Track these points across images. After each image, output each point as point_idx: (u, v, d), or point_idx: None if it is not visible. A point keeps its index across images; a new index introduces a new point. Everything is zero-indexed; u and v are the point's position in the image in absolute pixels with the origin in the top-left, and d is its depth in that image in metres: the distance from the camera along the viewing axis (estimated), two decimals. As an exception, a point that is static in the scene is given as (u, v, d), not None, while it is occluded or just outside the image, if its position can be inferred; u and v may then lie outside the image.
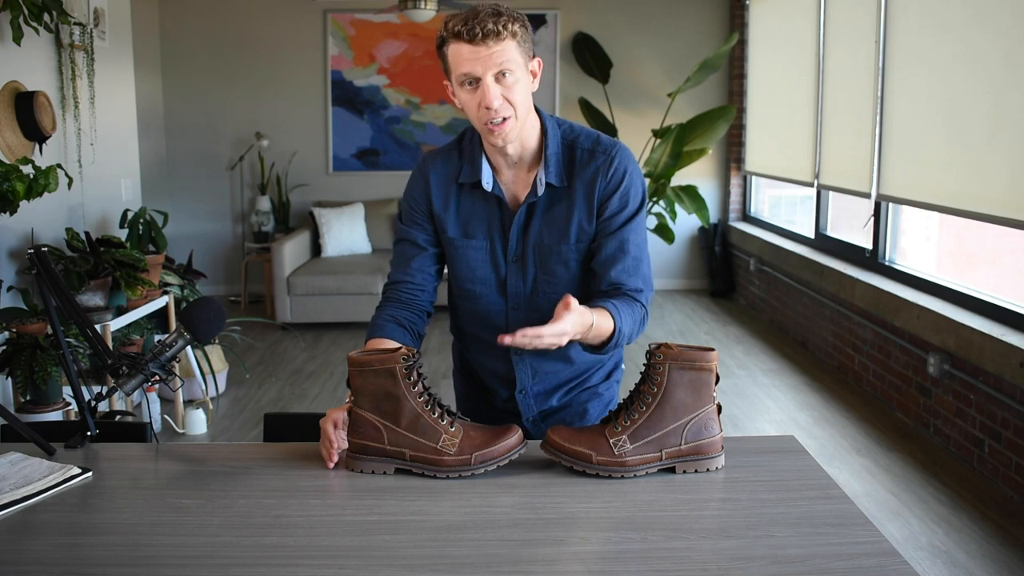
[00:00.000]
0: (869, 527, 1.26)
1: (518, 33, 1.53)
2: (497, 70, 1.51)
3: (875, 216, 4.55)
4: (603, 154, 1.63)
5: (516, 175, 1.66)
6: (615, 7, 6.84)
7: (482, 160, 1.65)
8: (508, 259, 1.67)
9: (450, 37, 1.52)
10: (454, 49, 1.52)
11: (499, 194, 1.65)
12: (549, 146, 1.63)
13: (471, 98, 1.55)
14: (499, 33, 1.49)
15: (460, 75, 1.53)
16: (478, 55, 1.50)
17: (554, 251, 1.65)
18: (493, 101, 1.51)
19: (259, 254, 6.63)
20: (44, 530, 1.27)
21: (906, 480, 3.39)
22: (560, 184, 1.63)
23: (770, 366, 5.00)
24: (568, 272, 1.67)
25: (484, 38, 1.49)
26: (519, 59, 1.54)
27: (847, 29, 4.83)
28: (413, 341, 1.68)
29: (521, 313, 1.70)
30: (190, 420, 3.89)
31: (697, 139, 6.26)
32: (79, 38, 4.08)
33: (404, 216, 1.75)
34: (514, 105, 1.54)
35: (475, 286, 1.71)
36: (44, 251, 1.58)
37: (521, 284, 1.69)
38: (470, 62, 1.51)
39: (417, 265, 1.72)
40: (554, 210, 1.64)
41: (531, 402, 1.78)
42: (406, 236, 1.73)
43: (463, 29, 1.49)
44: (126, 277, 3.48)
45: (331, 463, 1.47)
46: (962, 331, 3.47)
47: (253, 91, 6.89)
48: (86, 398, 1.60)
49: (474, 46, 1.49)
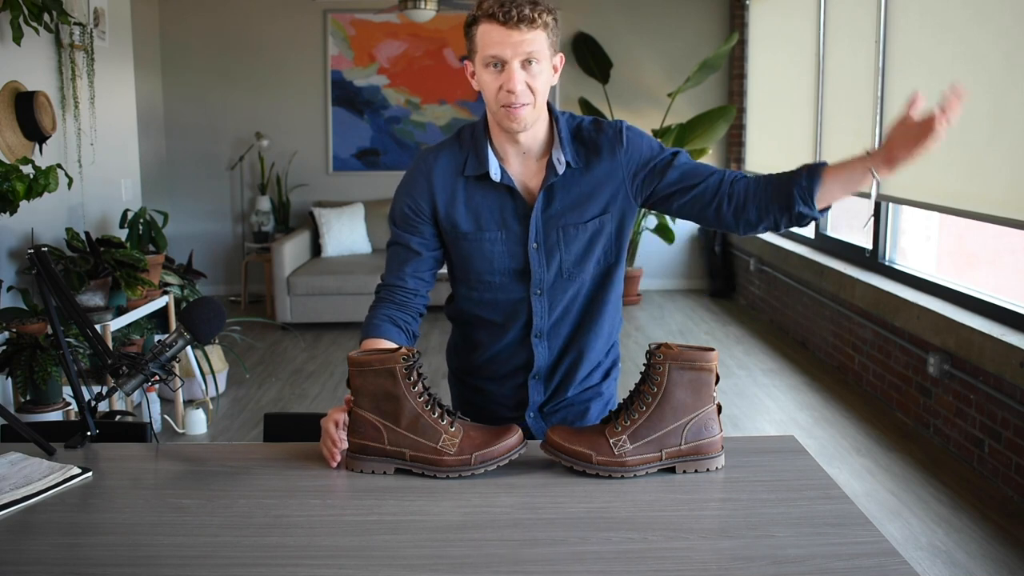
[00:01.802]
0: (869, 527, 1.26)
1: (550, 24, 1.55)
2: (525, 57, 1.52)
3: (875, 216, 4.55)
4: (610, 128, 1.68)
5: (525, 164, 1.67)
6: (615, 7, 6.84)
7: (487, 151, 1.65)
8: (528, 245, 1.67)
9: (483, 16, 1.53)
10: (485, 29, 1.53)
11: (509, 183, 1.65)
12: (561, 130, 1.65)
13: (494, 79, 1.55)
14: (534, 20, 1.51)
15: (488, 56, 1.54)
16: (510, 38, 1.51)
17: (579, 230, 1.67)
18: (517, 85, 1.53)
19: (259, 254, 6.63)
20: (44, 530, 1.27)
21: (906, 480, 3.39)
22: (576, 164, 1.65)
23: (770, 366, 5.00)
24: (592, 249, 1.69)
25: (519, 22, 1.50)
26: (546, 50, 1.56)
27: (847, 29, 4.83)
28: (408, 341, 1.68)
29: (544, 297, 1.71)
30: (190, 420, 3.89)
31: (697, 139, 6.26)
32: (79, 38, 4.08)
33: (398, 219, 1.72)
34: (535, 93, 1.56)
35: (494, 277, 1.70)
36: (44, 251, 1.58)
37: (544, 269, 1.69)
38: (500, 44, 1.52)
39: (410, 270, 1.71)
40: (573, 190, 1.66)
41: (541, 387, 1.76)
42: (399, 240, 1.72)
43: (499, 11, 1.50)
44: (126, 277, 3.48)
45: (333, 463, 1.47)
46: (962, 331, 3.47)
47: (253, 91, 6.89)
48: (86, 398, 1.60)
49: (507, 29, 1.51)
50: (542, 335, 1.74)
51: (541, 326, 1.73)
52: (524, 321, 1.73)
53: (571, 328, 1.75)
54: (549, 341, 1.75)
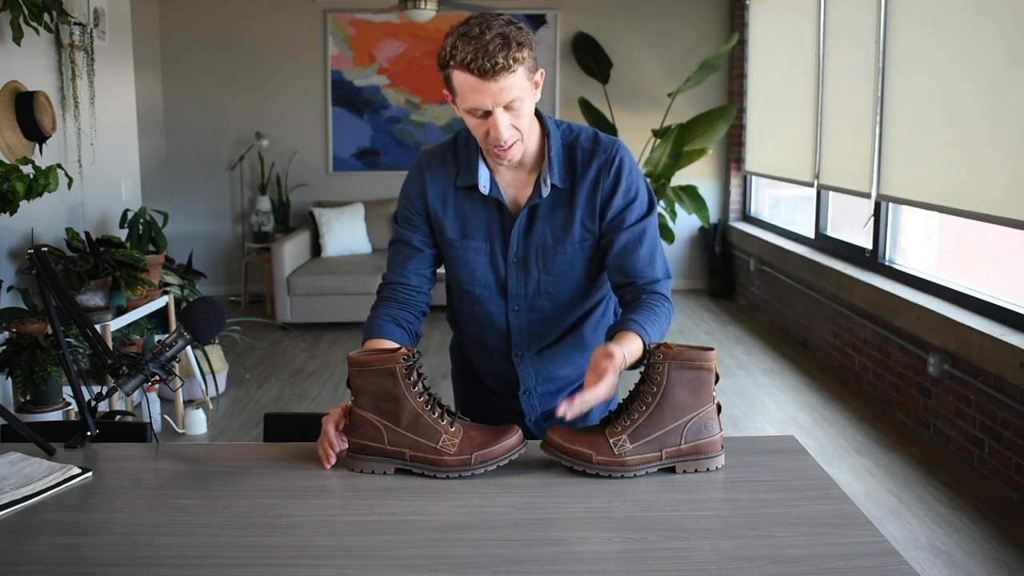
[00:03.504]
0: (869, 527, 1.26)
1: (526, 58, 1.47)
2: (507, 102, 1.48)
3: (875, 216, 4.55)
4: (603, 152, 1.64)
5: (516, 177, 1.66)
6: (615, 7, 6.84)
7: (479, 164, 1.64)
8: (508, 261, 1.67)
9: (458, 67, 1.46)
10: (462, 80, 1.47)
11: (498, 196, 1.65)
12: (552, 148, 1.63)
13: (479, 125, 1.53)
14: (509, 67, 1.45)
15: (469, 106, 1.50)
16: (487, 89, 1.46)
17: (558, 252, 1.66)
18: (503, 132, 1.50)
19: (259, 254, 6.63)
20: (44, 530, 1.27)
21: (906, 480, 3.39)
22: (563, 185, 1.63)
23: (770, 366, 5.00)
24: (572, 272, 1.68)
25: (495, 74, 1.44)
26: (527, 84, 1.51)
27: (847, 29, 4.83)
28: (411, 341, 1.67)
29: (522, 315, 1.71)
30: (190, 420, 3.89)
31: (697, 139, 6.26)
32: (79, 38, 4.08)
33: (400, 217, 1.73)
34: (521, 129, 1.54)
35: (474, 288, 1.71)
36: (44, 251, 1.58)
37: (522, 286, 1.69)
38: (480, 95, 1.47)
39: (413, 267, 1.71)
40: (557, 211, 1.65)
41: (535, 403, 1.79)
42: (401, 237, 1.72)
43: (472, 64, 1.43)
44: (126, 277, 3.48)
45: (328, 464, 1.47)
46: (962, 331, 3.46)
47: (253, 91, 6.89)
48: (86, 398, 1.60)
49: (484, 81, 1.45)
50: (523, 355, 1.74)
51: (521, 346, 1.73)
52: (505, 339, 1.74)
53: (556, 349, 1.75)
54: (534, 364, 1.75)
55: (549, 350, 1.75)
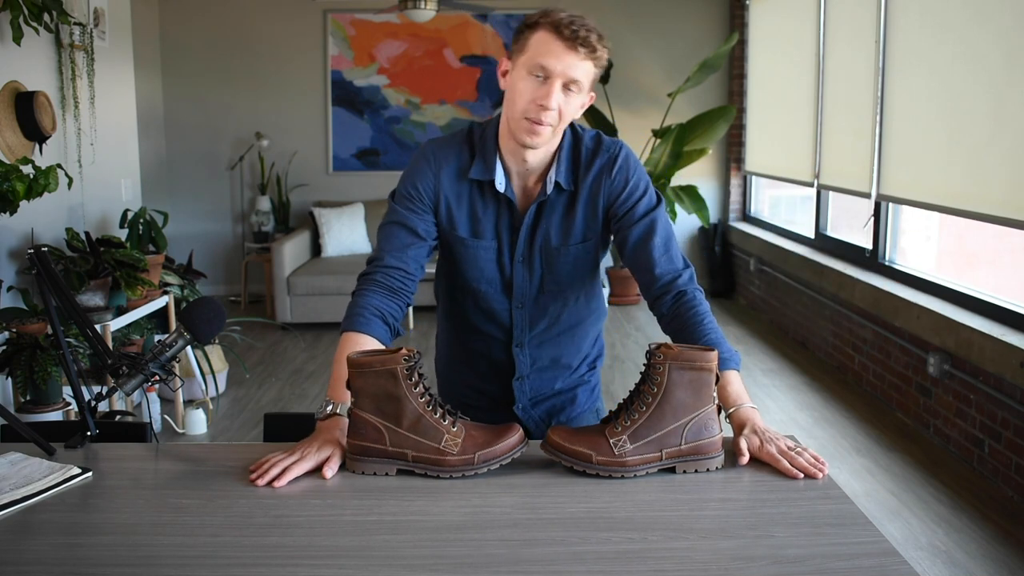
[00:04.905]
0: (869, 527, 1.26)
1: (602, 60, 1.53)
2: (570, 79, 1.50)
3: (875, 216, 4.55)
4: (606, 151, 1.65)
5: (525, 178, 1.67)
6: (615, 7, 6.84)
7: (495, 159, 1.64)
8: (515, 259, 1.68)
9: (546, 25, 1.49)
10: (543, 38, 1.49)
11: (510, 195, 1.66)
12: (562, 148, 1.64)
13: (530, 87, 1.52)
14: (594, 49, 1.49)
15: (537, 64, 1.50)
16: (565, 55, 1.48)
17: (560, 251, 1.68)
18: (552, 101, 1.51)
19: (259, 254, 6.63)
20: (44, 530, 1.27)
21: (906, 480, 3.39)
22: (568, 186, 1.65)
23: (770, 366, 5.00)
24: (575, 271, 1.71)
25: (580, 45, 1.48)
26: (588, 84, 1.54)
27: (847, 29, 4.83)
28: (391, 340, 1.63)
29: (525, 311, 1.73)
30: (190, 420, 3.89)
31: (697, 139, 6.26)
32: (79, 38, 4.08)
33: (402, 198, 1.67)
34: (562, 118, 1.54)
35: (481, 285, 1.72)
36: (44, 251, 1.57)
37: (527, 284, 1.71)
38: (554, 57, 1.49)
39: (413, 254, 1.66)
40: (561, 210, 1.66)
41: (526, 387, 1.80)
42: (405, 221, 1.66)
43: (565, 27, 1.47)
44: (126, 277, 3.48)
45: (261, 481, 1.38)
46: (962, 331, 3.46)
47: (253, 91, 6.89)
48: (86, 398, 1.59)
49: (566, 46, 1.48)
50: (523, 345, 1.76)
51: (521, 338, 1.76)
52: (506, 331, 1.76)
53: (553, 340, 1.78)
54: (531, 351, 1.77)
55: (548, 340, 1.78)
